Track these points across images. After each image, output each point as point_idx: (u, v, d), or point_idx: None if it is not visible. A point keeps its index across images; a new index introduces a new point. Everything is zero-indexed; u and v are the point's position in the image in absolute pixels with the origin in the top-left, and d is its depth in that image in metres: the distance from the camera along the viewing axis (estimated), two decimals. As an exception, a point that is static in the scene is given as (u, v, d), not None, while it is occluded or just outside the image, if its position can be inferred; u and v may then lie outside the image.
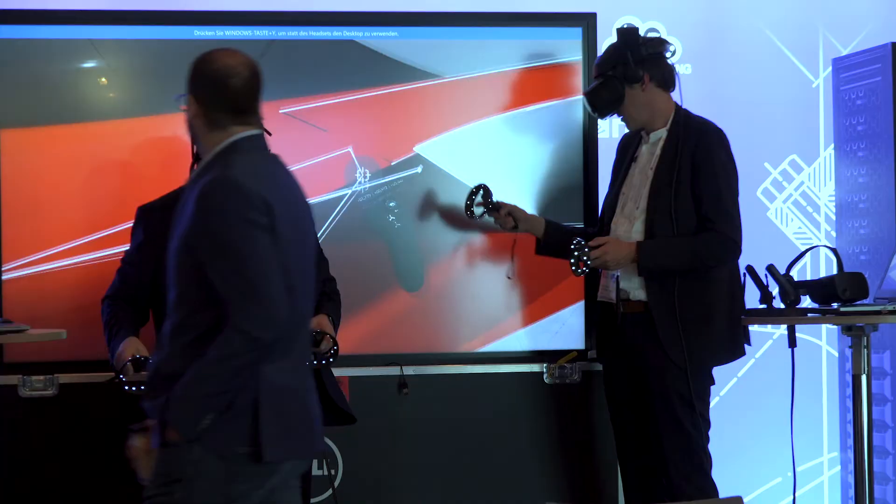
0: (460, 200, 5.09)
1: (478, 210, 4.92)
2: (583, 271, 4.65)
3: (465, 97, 5.25)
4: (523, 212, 4.96)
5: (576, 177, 5.30)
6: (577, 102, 5.22)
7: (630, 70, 4.71)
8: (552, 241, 4.91)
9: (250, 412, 3.03)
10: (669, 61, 4.80)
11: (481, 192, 4.93)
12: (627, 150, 4.83)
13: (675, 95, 4.79)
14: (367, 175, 5.16)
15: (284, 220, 3.03)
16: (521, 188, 5.23)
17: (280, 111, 5.07)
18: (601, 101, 4.75)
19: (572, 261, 4.63)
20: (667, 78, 4.75)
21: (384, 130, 5.20)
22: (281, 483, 3.20)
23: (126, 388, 4.18)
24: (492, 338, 5.18)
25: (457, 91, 5.25)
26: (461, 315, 5.20)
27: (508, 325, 5.19)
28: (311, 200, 5.03)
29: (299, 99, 5.15)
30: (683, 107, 4.79)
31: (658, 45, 4.78)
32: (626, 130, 4.92)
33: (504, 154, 5.25)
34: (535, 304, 5.18)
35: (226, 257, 2.99)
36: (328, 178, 5.16)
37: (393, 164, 5.16)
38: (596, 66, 4.81)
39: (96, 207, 5.01)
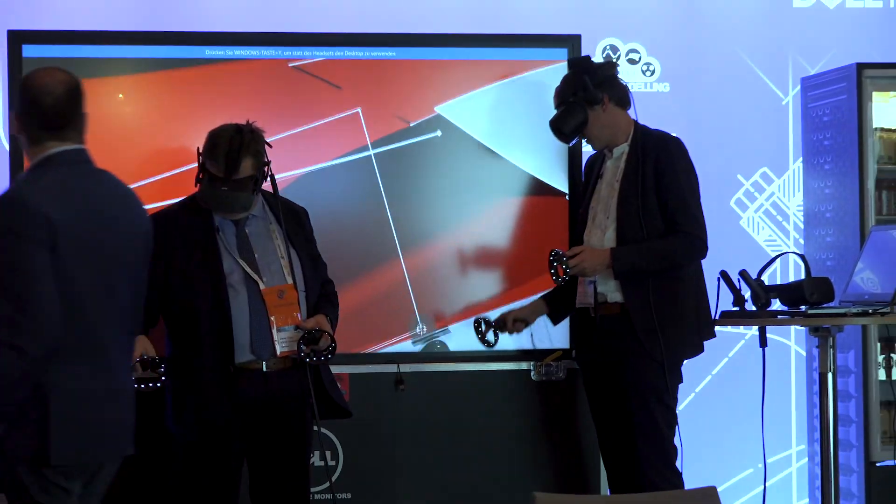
0: (474, 167, 5.14)
1: (490, 338, 4.99)
2: (563, 280, 4.71)
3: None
4: (523, 309, 5.02)
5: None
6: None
7: (590, 93, 4.74)
8: (557, 306, 5.03)
9: (40, 418, 3.00)
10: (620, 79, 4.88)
11: (483, 324, 4.99)
12: (593, 169, 4.93)
13: (631, 112, 4.87)
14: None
15: (77, 237, 3.00)
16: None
17: (290, 65, 5.11)
18: (568, 125, 4.78)
19: (552, 271, 4.69)
20: (622, 97, 4.80)
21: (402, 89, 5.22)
22: (97, 483, 3.23)
23: (139, 385, 4.21)
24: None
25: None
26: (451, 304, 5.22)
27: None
28: (329, 163, 5.00)
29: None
30: (641, 122, 4.86)
31: (611, 68, 4.85)
32: (592, 148, 4.98)
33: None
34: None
35: None
36: (336, 141, 5.17)
37: (412, 125, 5.17)
38: (557, 95, 4.86)
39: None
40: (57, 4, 5.69)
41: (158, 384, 4.29)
